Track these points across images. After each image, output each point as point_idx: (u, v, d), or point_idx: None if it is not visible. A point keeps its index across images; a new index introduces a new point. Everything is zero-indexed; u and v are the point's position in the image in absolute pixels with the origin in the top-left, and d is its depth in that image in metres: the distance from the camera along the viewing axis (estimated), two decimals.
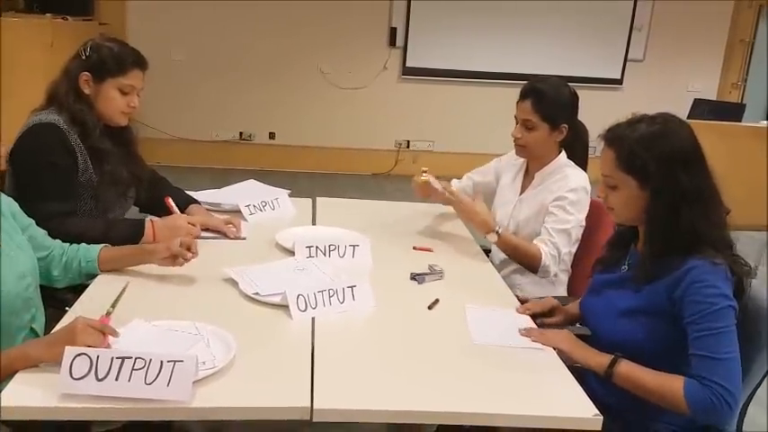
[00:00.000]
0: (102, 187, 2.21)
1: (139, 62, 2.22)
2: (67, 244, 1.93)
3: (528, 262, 2.32)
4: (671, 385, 1.51)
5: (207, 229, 2.33)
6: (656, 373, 1.55)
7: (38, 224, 1.91)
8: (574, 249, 2.37)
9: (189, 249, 1.90)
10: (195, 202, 2.50)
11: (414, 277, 2.06)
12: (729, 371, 1.48)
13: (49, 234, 1.94)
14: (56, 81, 2.21)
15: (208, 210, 2.51)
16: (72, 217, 2.12)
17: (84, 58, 2.17)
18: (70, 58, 2.22)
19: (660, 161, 1.58)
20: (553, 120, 2.35)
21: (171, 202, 2.29)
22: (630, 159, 1.61)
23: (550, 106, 2.34)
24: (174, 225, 2.17)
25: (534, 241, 2.32)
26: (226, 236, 2.32)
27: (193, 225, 2.22)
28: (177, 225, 2.18)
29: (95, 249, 1.93)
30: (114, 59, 2.17)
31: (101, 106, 2.19)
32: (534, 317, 1.88)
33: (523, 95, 2.38)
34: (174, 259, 1.90)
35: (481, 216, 2.34)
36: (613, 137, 1.66)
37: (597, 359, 1.62)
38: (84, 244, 1.95)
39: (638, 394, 1.57)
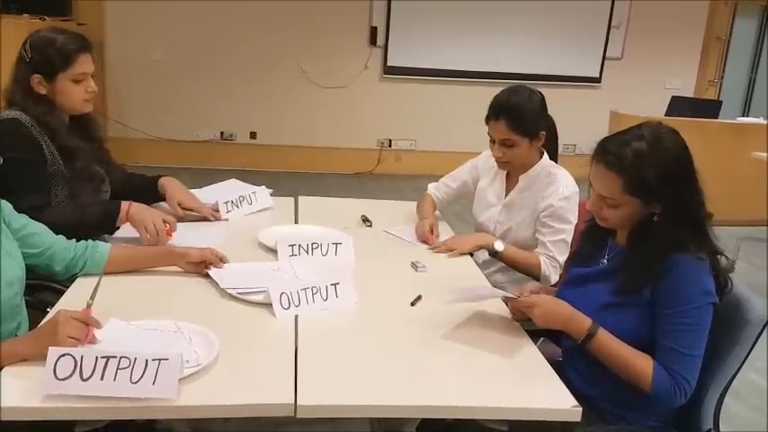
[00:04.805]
0: (76, 183, 2.20)
1: (83, 47, 2.19)
2: (73, 240, 1.89)
3: (529, 271, 2.35)
4: (642, 368, 1.58)
5: (190, 209, 2.42)
6: (631, 352, 1.60)
7: None
8: None
9: (221, 260, 1.95)
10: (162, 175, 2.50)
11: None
12: (695, 367, 1.57)
13: None
14: (9, 87, 2.18)
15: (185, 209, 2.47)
16: (46, 209, 2.10)
17: (28, 60, 2.14)
18: (15, 61, 2.18)
19: (666, 181, 1.58)
20: (532, 132, 2.28)
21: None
22: (639, 185, 1.59)
23: (527, 120, 2.27)
24: (149, 207, 2.19)
25: (535, 251, 2.35)
26: (206, 219, 2.41)
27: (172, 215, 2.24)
28: (152, 210, 2.19)
29: (105, 249, 1.90)
30: (58, 54, 2.14)
31: (61, 101, 2.19)
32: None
33: (496, 115, 2.27)
34: (200, 265, 1.93)
35: (477, 237, 2.43)
36: (616, 161, 1.60)
37: (576, 325, 1.64)
38: (91, 242, 1.91)
39: (607, 364, 1.62)
